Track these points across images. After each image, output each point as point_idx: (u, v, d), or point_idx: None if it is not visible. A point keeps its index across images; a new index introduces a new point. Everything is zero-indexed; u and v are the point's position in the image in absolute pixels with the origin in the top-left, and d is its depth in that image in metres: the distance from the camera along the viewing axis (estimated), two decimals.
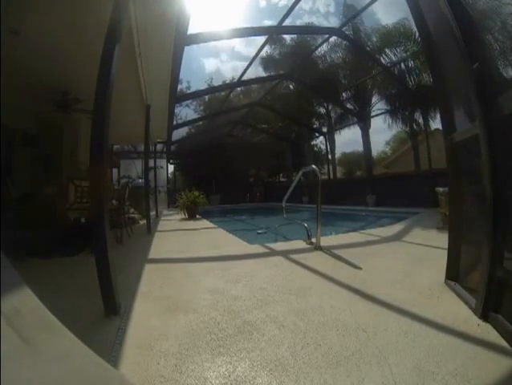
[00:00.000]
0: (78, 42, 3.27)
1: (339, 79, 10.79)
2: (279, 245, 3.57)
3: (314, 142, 17.24)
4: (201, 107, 16.42)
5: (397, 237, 3.69)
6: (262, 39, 7.74)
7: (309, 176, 11.74)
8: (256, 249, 3.28)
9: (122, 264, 2.43)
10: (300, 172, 4.29)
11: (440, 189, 3.92)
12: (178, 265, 2.64)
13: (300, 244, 3.37)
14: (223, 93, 12.67)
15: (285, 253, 2.92)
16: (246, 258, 2.83)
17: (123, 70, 2.54)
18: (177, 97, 9.06)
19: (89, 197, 3.27)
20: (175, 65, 4.73)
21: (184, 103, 15.99)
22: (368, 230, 4.51)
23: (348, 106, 11.68)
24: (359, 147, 11.60)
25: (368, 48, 9.24)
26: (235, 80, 11.87)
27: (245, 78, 9.18)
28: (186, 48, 5.28)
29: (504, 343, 1.16)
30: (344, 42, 9.25)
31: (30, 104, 4.92)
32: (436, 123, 9.58)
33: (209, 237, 4.46)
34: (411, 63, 9.02)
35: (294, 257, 2.79)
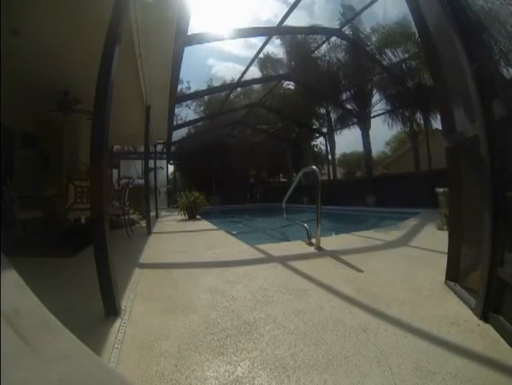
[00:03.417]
0: (78, 42, 3.27)
1: (339, 79, 10.78)
2: (279, 246, 3.57)
3: (314, 142, 17.24)
4: (201, 108, 16.42)
5: (397, 238, 3.69)
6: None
7: (309, 177, 11.75)
8: (256, 249, 3.27)
9: (122, 264, 2.43)
10: (300, 173, 4.29)
11: (440, 190, 3.93)
12: (178, 266, 2.64)
13: (300, 244, 3.37)
14: (223, 94, 12.67)
15: (285, 254, 2.92)
16: (246, 259, 2.83)
17: (123, 71, 2.54)
18: (177, 97, 9.07)
19: (89, 197, 3.27)
20: (175, 65, 4.74)
21: (184, 104, 16.00)
22: (368, 231, 4.51)
23: (348, 106, 11.67)
24: (360, 148, 11.60)
25: (368, 48, 9.24)
26: (235, 81, 11.88)
27: (245, 78, 9.19)
28: (186, 48, 5.29)
29: (504, 344, 1.16)
30: (344, 42, 9.25)
31: (31, 105, 4.92)
32: (436, 124, 9.58)
33: (208, 237, 4.46)
34: (412, 63, 9.01)
35: (294, 257, 2.79)
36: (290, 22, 6.83)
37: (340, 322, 1.40)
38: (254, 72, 11.64)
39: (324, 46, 9.72)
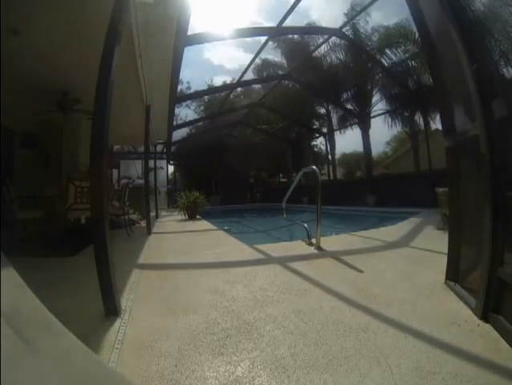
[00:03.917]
0: (78, 42, 3.27)
1: (339, 79, 10.78)
2: (279, 246, 3.57)
3: (314, 142, 17.25)
4: (201, 108, 16.43)
5: (397, 238, 3.68)
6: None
7: (309, 177, 11.75)
8: (256, 249, 3.27)
9: (122, 264, 2.43)
10: (300, 173, 4.29)
11: (440, 189, 3.92)
12: (178, 266, 2.64)
13: (300, 244, 3.37)
14: (223, 94, 12.67)
15: (285, 254, 2.92)
16: (246, 259, 2.83)
17: (123, 71, 2.54)
18: (177, 97, 9.06)
19: (89, 197, 3.27)
20: (175, 65, 4.74)
21: (184, 104, 16.01)
22: (368, 231, 4.51)
23: (348, 106, 11.67)
24: (360, 148, 11.60)
25: (368, 48, 9.24)
26: (235, 81, 11.87)
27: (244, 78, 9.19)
28: (186, 47, 5.28)
29: (504, 344, 1.16)
30: (344, 42, 9.25)
31: (31, 105, 4.92)
32: (436, 124, 9.58)
33: (208, 237, 4.46)
34: (411, 63, 9.02)
35: (294, 257, 2.79)
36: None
37: (340, 322, 1.40)
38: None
39: (324, 45, 9.71)
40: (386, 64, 9.23)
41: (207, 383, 0.99)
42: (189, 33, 4.99)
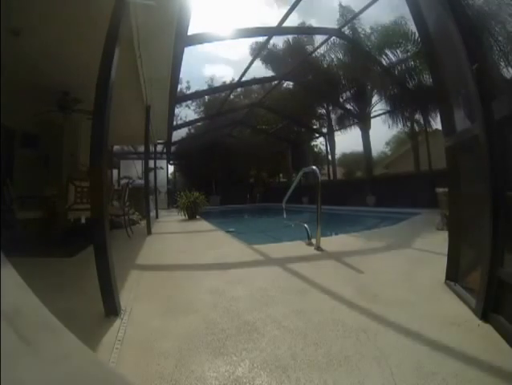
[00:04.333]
0: (78, 42, 3.27)
1: (338, 79, 10.78)
2: (279, 246, 3.57)
3: (314, 142, 17.25)
4: (201, 108, 16.42)
5: (397, 238, 3.69)
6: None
7: (309, 177, 11.75)
8: (256, 250, 3.27)
9: (122, 264, 2.43)
10: (300, 173, 4.29)
11: (440, 190, 3.92)
12: (178, 266, 2.64)
13: (300, 245, 3.37)
14: (223, 94, 12.67)
15: (285, 254, 2.92)
16: (246, 259, 2.83)
17: (123, 71, 2.54)
18: (177, 97, 9.06)
19: (89, 198, 3.27)
20: (175, 66, 4.73)
21: (184, 104, 16.00)
22: (368, 231, 4.52)
23: (348, 106, 11.67)
24: (359, 148, 11.59)
25: (368, 48, 9.24)
26: (235, 81, 11.88)
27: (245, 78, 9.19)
28: (186, 48, 5.28)
29: (504, 344, 1.16)
30: (343, 42, 9.24)
31: (31, 105, 4.92)
32: (436, 124, 9.58)
33: (208, 238, 4.46)
34: (411, 64, 9.02)
35: (294, 258, 2.78)
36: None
37: (340, 322, 1.40)
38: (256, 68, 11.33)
39: (323, 45, 9.72)
40: (385, 64, 9.23)
41: (207, 383, 0.99)
42: (190, 33, 4.99)
